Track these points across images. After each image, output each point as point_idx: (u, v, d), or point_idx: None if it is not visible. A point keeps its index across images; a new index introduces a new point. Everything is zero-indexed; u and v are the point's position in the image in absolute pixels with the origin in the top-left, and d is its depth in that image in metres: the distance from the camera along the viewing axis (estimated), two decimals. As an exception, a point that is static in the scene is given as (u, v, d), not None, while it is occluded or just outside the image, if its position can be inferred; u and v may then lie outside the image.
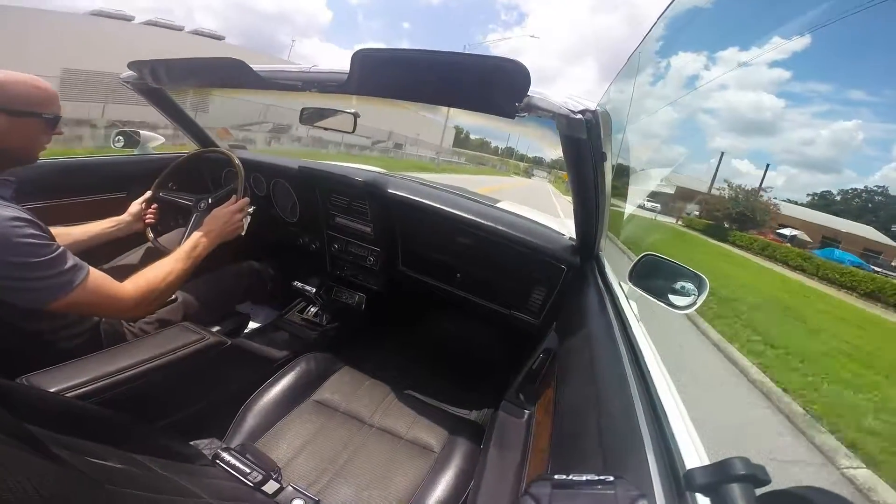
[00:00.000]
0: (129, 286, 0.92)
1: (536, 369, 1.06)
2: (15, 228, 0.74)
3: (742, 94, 38.20)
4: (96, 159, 1.65)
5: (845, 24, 22.48)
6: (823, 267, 14.58)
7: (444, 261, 1.53)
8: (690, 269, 0.99)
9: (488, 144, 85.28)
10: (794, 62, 35.58)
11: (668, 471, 0.43)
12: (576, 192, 0.96)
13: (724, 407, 3.03)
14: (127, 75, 1.29)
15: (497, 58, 0.64)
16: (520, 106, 0.68)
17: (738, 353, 3.98)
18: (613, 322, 0.82)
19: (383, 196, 1.44)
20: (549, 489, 0.34)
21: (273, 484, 0.77)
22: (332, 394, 1.09)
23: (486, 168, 50.19)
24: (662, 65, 8.27)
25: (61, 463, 0.38)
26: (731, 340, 4.27)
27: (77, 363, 0.83)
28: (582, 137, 0.72)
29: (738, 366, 3.81)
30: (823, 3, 23.47)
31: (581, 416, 0.61)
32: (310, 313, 1.73)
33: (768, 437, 2.77)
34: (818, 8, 24.75)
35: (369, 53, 0.75)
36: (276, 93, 1.04)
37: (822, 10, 24.27)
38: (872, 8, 17.40)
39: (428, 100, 0.89)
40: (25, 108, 0.86)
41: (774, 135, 46.56)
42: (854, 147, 37.42)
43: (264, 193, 1.73)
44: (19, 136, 0.86)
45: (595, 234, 1.12)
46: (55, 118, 0.91)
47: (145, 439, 0.64)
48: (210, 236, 1.16)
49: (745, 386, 3.48)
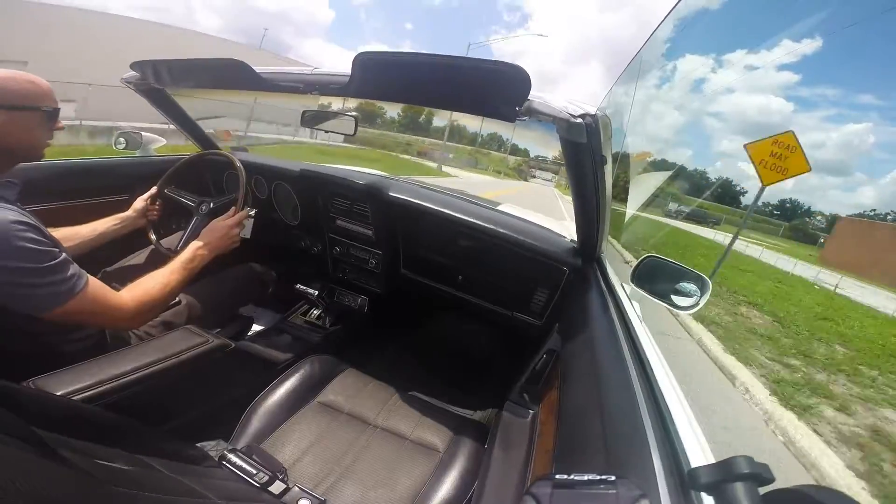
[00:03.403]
0: (126, 296, 0.92)
1: (540, 370, 1.06)
2: (16, 232, 0.73)
3: (750, 97, 37.81)
4: (99, 161, 1.66)
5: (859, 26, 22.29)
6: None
7: (446, 263, 1.54)
8: (692, 270, 1.00)
9: (463, 129, 60.01)
10: (803, 65, 35.65)
11: (673, 469, 0.43)
12: (576, 195, 0.97)
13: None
14: (129, 75, 1.29)
15: (497, 62, 0.64)
16: (520, 110, 0.68)
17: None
18: (616, 323, 0.82)
19: (384, 199, 1.45)
20: (551, 489, 0.35)
21: (279, 484, 0.78)
22: (336, 395, 1.10)
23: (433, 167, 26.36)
24: (666, 67, 8.28)
25: (69, 465, 0.39)
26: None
27: (83, 366, 0.84)
28: (582, 141, 0.72)
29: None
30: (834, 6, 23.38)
31: (585, 416, 0.61)
32: (313, 316, 1.73)
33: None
34: (827, 10, 24.64)
35: (371, 57, 0.75)
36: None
37: (831, 12, 24.15)
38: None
39: (428, 103, 0.89)
40: (24, 103, 0.86)
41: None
42: (864, 150, 36.82)
43: (266, 196, 1.73)
44: (20, 130, 0.86)
45: (596, 237, 1.13)
46: (54, 111, 0.91)
47: (152, 441, 0.64)
48: (207, 248, 1.17)
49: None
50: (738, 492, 0.32)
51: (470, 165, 43.66)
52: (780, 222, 33.56)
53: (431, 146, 40.48)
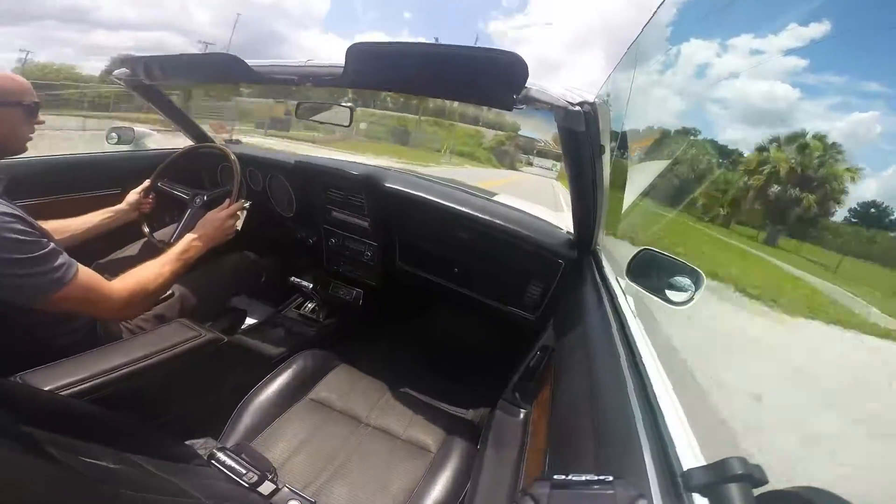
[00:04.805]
0: (118, 286, 0.92)
1: (534, 367, 1.06)
2: (3, 224, 0.73)
3: (753, 84, 36.96)
4: (91, 156, 1.64)
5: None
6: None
7: (442, 255, 1.53)
8: (687, 264, 0.99)
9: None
10: (809, 51, 33.31)
11: (666, 471, 0.43)
12: (573, 185, 0.96)
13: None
14: (119, 72, 1.28)
15: (494, 50, 0.63)
16: (518, 98, 0.67)
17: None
18: (611, 319, 0.82)
19: (379, 190, 1.44)
20: (548, 489, 0.35)
21: (269, 485, 0.77)
22: (328, 392, 1.09)
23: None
24: (666, 52, 7.99)
25: (55, 462, 0.38)
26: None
27: (72, 361, 0.83)
28: (580, 130, 0.72)
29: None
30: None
31: (578, 415, 0.61)
32: (307, 309, 1.72)
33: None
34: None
35: (365, 48, 0.74)
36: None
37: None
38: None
39: (424, 92, 0.88)
40: (4, 100, 0.89)
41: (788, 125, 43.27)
42: (870, 140, 34.86)
43: (260, 188, 1.72)
44: (3, 126, 0.89)
45: (593, 228, 1.12)
46: (35, 105, 0.94)
47: (140, 439, 0.64)
48: (202, 240, 1.17)
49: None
50: (732, 493, 0.32)
51: (402, 143, 25.85)
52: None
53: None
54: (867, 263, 11.23)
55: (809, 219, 15.49)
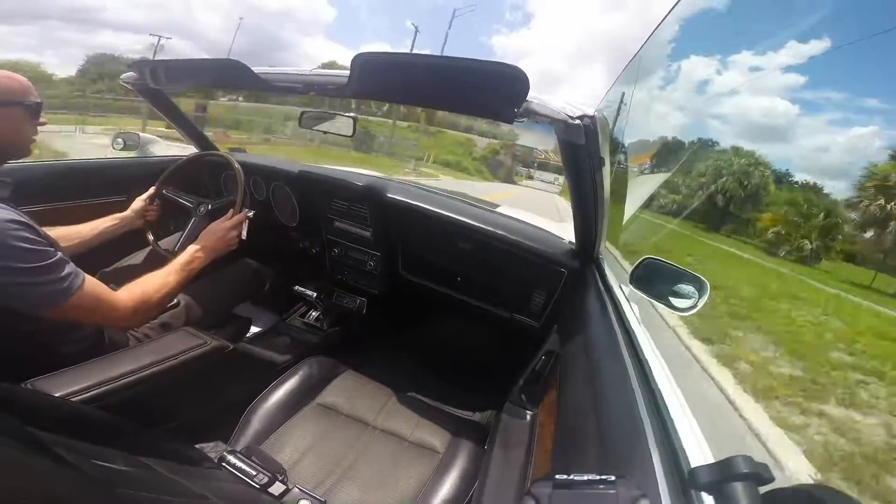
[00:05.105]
0: (123, 296, 0.92)
1: (539, 371, 1.06)
2: (11, 231, 0.73)
3: (753, 99, 36.67)
4: (97, 162, 1.66)
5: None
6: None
7: (445, 265, 1.53)
8: (690, 272, 1.00)
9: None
10: (809, 67, 32.49)
11: (673, 469, 0.43)
12: (574, 195, 0.97)
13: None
14: (127, 76, 1.29)
15: (496, 63, 0.64)
16: (518, 111, 0.68)
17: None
18: (615, 324, 0.82)
19: (382, 200, 1.45)
20: (551, 489, 0.35)
21: (279, 485, 0.78)
22: (335, 397, 1.10)
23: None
24: (666, 67, 7.85)
25: (68, 466, 0.39)
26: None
27: (81, 368, 0.83)
28: (580, 143, 0.72)
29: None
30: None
31: (584, 416, 0.62)
32: (311, 317, 1.73)
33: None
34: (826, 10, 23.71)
35: (369, 58, 0.75)
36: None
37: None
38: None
39: (426, 104, 0.89)
40: (6, 100, 0.86)
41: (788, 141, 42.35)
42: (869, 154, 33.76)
43: (263, 197, 1.73)
44: (6, 127, 0.87)
45: (594, 238, 1.13)
46: (37, 105, 0.91)
47: (150, 443, 0.64)
48: (205, 251, 1.17)
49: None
50: (738, 491, 0.32)
51: (365, 150, 22.14)
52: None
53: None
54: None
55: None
